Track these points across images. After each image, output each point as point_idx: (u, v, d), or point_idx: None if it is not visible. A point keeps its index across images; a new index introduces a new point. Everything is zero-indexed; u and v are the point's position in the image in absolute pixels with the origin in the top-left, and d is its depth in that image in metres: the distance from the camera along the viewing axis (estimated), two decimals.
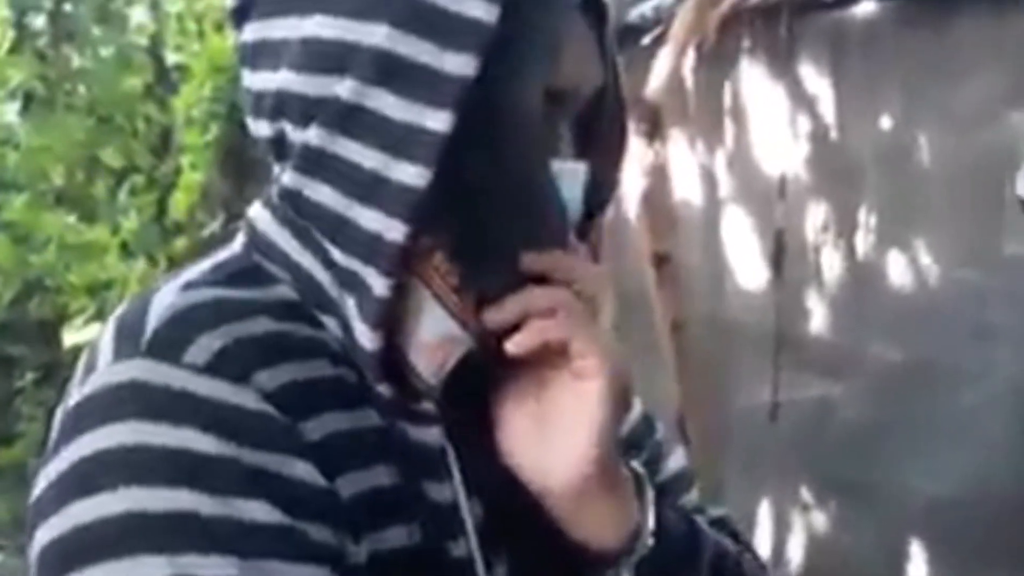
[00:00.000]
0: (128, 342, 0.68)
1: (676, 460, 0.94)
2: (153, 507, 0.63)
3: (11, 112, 5.43)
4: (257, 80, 0.73)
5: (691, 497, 0.93)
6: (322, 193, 0.70)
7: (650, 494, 0.78)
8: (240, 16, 0.75)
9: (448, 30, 0.67)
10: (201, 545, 0.63)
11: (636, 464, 0.80)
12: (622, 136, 0.79)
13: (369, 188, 0.68)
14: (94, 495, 0.63)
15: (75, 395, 0.68)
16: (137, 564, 0.62)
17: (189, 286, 0.71)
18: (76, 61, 5.18)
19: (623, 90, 0.78)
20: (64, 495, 0.65)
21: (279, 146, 0.73)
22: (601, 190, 0.77)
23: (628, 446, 0.88)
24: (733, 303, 3.24)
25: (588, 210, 0.76)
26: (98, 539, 0.63)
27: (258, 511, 0.64)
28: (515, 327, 0.71)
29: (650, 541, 0.76)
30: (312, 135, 0.69)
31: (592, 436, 0.71)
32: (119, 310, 0.73)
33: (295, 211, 0.72)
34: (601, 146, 0.77)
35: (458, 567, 0.73)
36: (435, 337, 0.71)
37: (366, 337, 0.70)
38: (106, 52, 5.26)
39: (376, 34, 0.68)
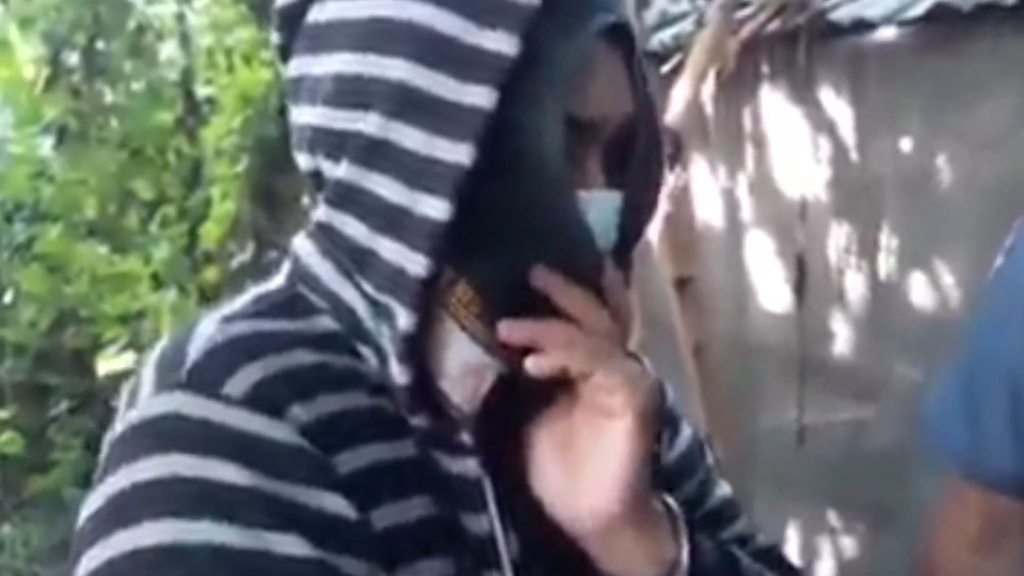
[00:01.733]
0: (168, 374, 0.68)
1: (724, 487, 0.93)
2: (187, 540, 0.63)
3: (46, 146, 5.52)
4: (297, 115, 0.75)
5: (740, 526, 0.91)
6: (351, 226, 0.71)
7: (685, 531, 0.76)
8: (283, 53, 0.77)
9: (467, 63, 0.68)
10: None
11: (671, 499, 0.79)
12: (658, 164, 0.78)
13: (392, 221, 0.69)
14: (130, 527, 0.64)
15: (118, 427, 0.69)
16: None
17: (229, 319, 0.72)
18: (108, 96, 5.25)
19: (657, 117, 0.77)
20: (102, 527, 0.65)
21: (317, 179, 0.74)
22: (638, 218, 0.76)
23: (679, 471, 0.88)
24: (756, 326, 3.25)
25: (625, 240, 0.75)
26: (133, 571, 0.63)
27: (290, 545, 0.64)
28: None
29: (684, 574, 0.74)
30: (342, 169, 0.71)
31: (620, 475, 0.71)
32: (162, 342, 0.74)
33: (331, 243, 0.74)
34: (636, 175, 0.76)
35: None
36: (464, 366, 0.72)
37: (396, 370, 0.70)
38: (137, 87, 5.33)
39: (396, 68, 0.68)
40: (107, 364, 4.79)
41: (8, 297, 5.80)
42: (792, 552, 3.20)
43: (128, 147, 5.33)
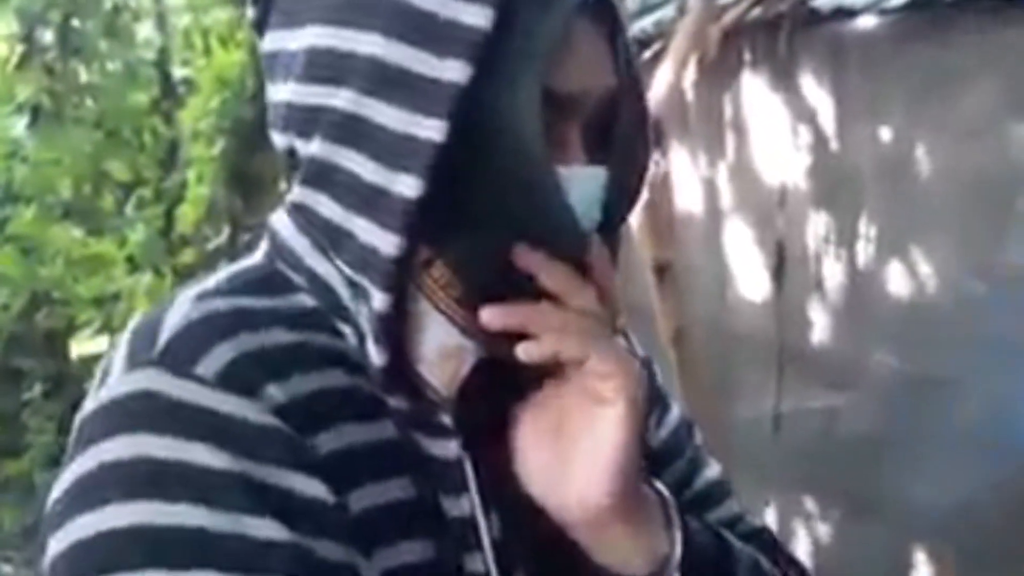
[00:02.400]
0: (140, 353, 0.67)
1: (714, 468, 0.91)
2: (157, 521, 0.62)
3: (19, 126, 5.47)
4: (272, 92, 0.73)
5: (730, 506, 0.90)
6: (325, 205, 0.70)
7: (677, 518, 0.74)
8: (259, 27, 0.75)
9: (441, 37, 0.66)
10: (204, 561, 0.62)
11: (661, 487, 0.77)
12: (644, 140, 0.75)
13: (366, 200, 0.67)
14: (100, 508, 0.63)
15: (88, 405, 0.67)
16: None
17: (204, 296, 0.70)
18: (83, 75, 5.21)
19: (643, 94, 0.75)
20: (71, 508, 0.64)
21: (292, 157, 0.72)
22: (623, 195, 0.74)
23: (667, 452, 0.87)
24: (735, 313, 3.26)
25: (611, 215, 0.73)
26: (103, 553, 0.62)
27: (263, 527, 0.63)
28: (526, 338, 0.69)
29: (677, 568, 0.73)
30: (315, 146, 0.69)
31: (611, 462, 0.69)
32: (136, 320, 0.72)
33: (307, 221, 0.72)
34: (620, 151, 0.73)
35: None
36: (441, 349, 0.70)
37: (373, 351, 0.69)
38: (113, 67, 5.30)
39: (369, 43, 0.67)
40: (81, 347, 4.76)
41: None
42: None
43: (104, 128, 5.30)
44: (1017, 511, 2.58)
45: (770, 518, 3.26)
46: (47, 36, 5.01)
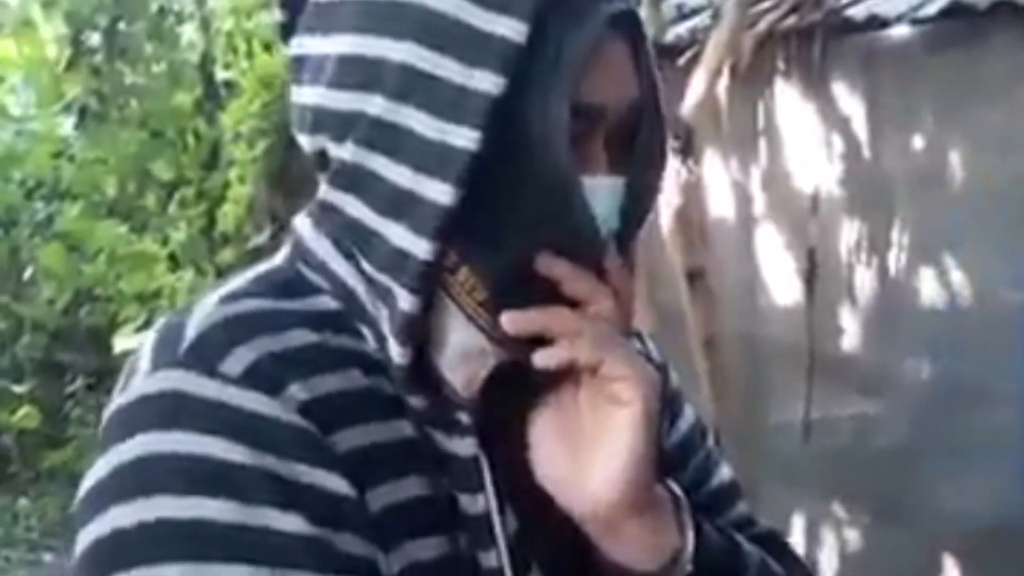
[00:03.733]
0: (166, 352, 0.68)
1: (726, 470, 0.92)
2: (182, 515, 0.63)
3: (67, 125, 5.57)
4: (300, 95, 0.74)
5: (740, 509, 0.91)
6: (355, 208, 0.71)
7: (689, 517, 0.76)
8: (287, 31, 0.76)
9: (475, 48, 0.67)
10: (228, 555, 0.63)
11: (675, 486, 0.78)
12: (661, 150, 0.77)
13: (398, 205, 0.68)
14: (126, 503, 0.64)
15: (115, 402, 0.69)
16: (166, 571, 0.63)
17: (229, 297, 0.72)
18: (129, 77, 5.29)
19: (663, 105, 0.76)
20: (100, 502, 0.66)
21: (321, 159, 0.73)
22: (640, 205, 0.76)
23: (681, 454, 0.89)
24: (766, 320, 3.26)
25: (628, 225, 0.74)
26: (128, 546, 0.64)
27: (286, 522, 0.64)
28: (546, 342, 0.70)
29: (689, 566, 0.74)
30: (347, 151, 0.70)
31: (626, 462, 0.70)
32: (161, 321, 0.73)
33: (333, 223, 0.73)
34: (640, 161, 0.75)
35: None
36: (464, 352, 0.71)
37: (396, 352, 0.70)
38: (158, 68, 5.36)
39: (403, 51, 0.68)
40: (123, 342, 4.83)
41: (27, 274, 5.86)
42: (797, 545, 3.22)
43: (148, 128, 5.37)
44: None
45: (798, 524, 3.26)
46: (94, 38, 5.09)
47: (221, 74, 5.39)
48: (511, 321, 0.70)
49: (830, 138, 3.04)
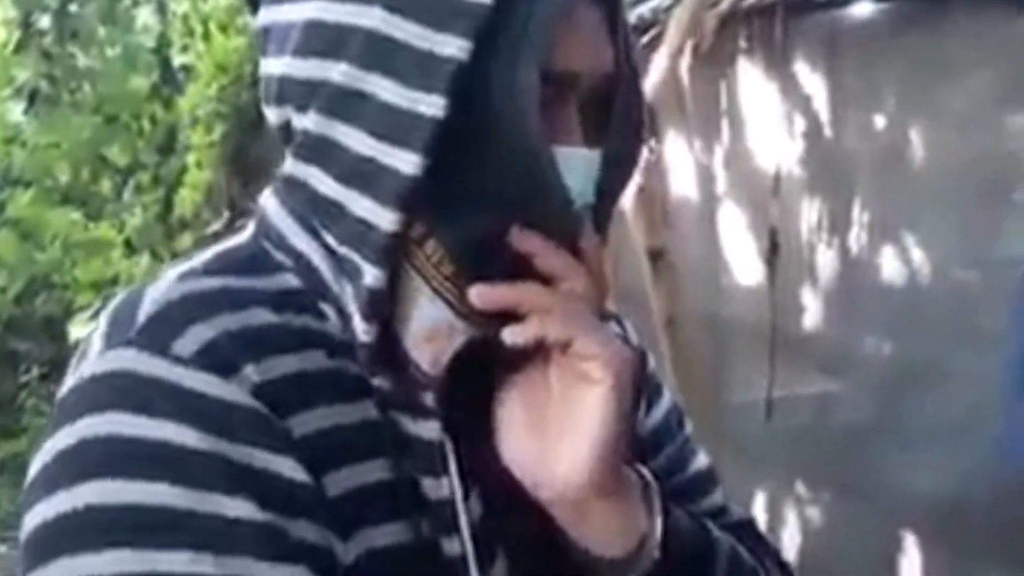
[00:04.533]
0: (118, 331, 0.67)
1: (702, 458, 0.91)
2: (131, 499, 0.62)
3: (17, 110, 5.47)
4: (267, 65, 0.73)
5: (716, 497, 0.90)
6: (317, 178, 0.69)
7: (659, 502, 0.75)
8: (253, 3, 0.75)
9: (441, 13, 0.66)
10: (176, 540, 0.62)
11: (645, 470, 0.77)
12: (639, 123, 0.75)
13: (361, 174, 0.67)
14: (74, 486, 0.63)
15: (67, 384, 0.68)
16: (109, 557, 0.62)
17: (186, 276, 0.70)
18: (82, 60, 5.21)
19: (640, 77, 0.75)
20: (46, 485, 0.64)
21: (285, 132, 0.72)
22: (616, 177, 0.74)
23: (656, 440, 0.87)
24: (728, 299, 3.26)
25: (604, 199, 0.73)
26: (72, 531, 0.63)
27: (237, 507, 0.63)
28: (515, 318, 0.69)
29: (656, 551, 0.73)
30: (310, 120, 0.68)
31: (596, 443, 0.69)
32: (117, 298, 0.72)
33: (297, 197, 0.72)
34: (616, 133, 0.74)
35: (452, 565, 0.71)
36: (431, 327, 0.70)
37: (361, 328, 0.69)
38: (112, 52, 5.29)
39: (369, 17, 0.66)
40: (79, 330, 4.78)
41: None
42: (761, 522, 3.23)
43: (102, 113, 5.30)
44: (1006, 499, 2.59)
45: (761, 503, 3.28)
46: (45, 21, 5.00)
47: (177, 58, 5.33)
48: (479, 295, 0.68)
49: (792, 117, 3.04)
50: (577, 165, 0.70)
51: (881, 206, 2.91)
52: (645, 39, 3.13)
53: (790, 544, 3.21)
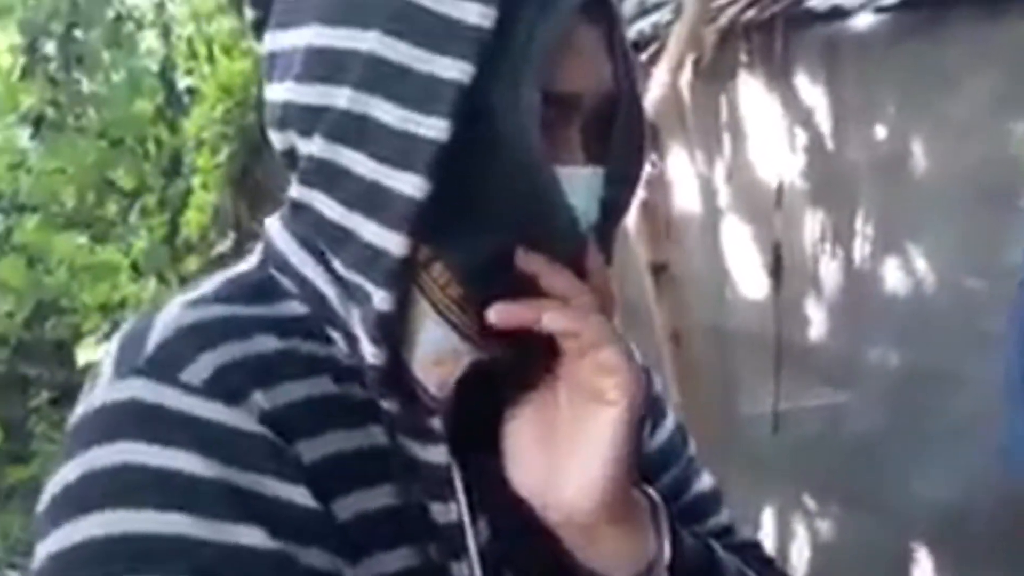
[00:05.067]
0: (128, 360, 0.67)
1: (707, 478, 0.91)
2: (142, 529, 0.62)
3: (23, 136, 5.50)
4: (271, 91, 0.72)
5: (721, 517, 0.90)
6: (323, 203, 0.69)
7: (667, 524, 0.74)
8: (258, 29, 0.75)
9: (442, 35, 0.66)
10: (188, 569, 0.62)
11: (653, 492, 0.77)
12: (640, 141, 0.75)
13: (367, 199, 0.67)
14: (85, 516, 0.63)
15: (77, 413, 0.68)
16: None
17: (195, 303, 0.70)
18: (87, 85, 5.24)
19: (640, 95, 0.75)
20: (58, 515, 0.64)
21: (290, 157, 0.72)
22: (620, 195, 0.74)
23: (661, 461, 0.87)
24: (733, 313, 3.26)
25: (607, 218, 0.73)
26: (86, 560, 0.63)
27: (247, 535, 0.63)
28: (523, 341, 0.69)
29: (665, 573, 0.73)
30: (315, 145, 0.68)
31: (606, 466, 0.68)
32: (125, 326, 0.72)
33: (303, 223, 0.72)
34: (618, 151, 0.73)
35: None
36: (438, 350, 0.70)
37: (370, 352, 0.68)
38: (117, 76, 5.32)
39: (370, 41, 0.66)
40: (87, 355, 4.78)
41: None
42: (767, 535, 3.22)
43: (107, 137, 5.32)
44: (1016, 508, 2.58)
45: (769, 516, 3.27)
46: (50, 47, 5.04)
47: (182, 81, 5.35)
48: (499, 313, 0.68)
49: (793, 130, 3.05)
50: (580, 185, 0.70)
51: (884, 216, 2.91)
52: (646, 54, 3.14)
53: (799, 556, 3.20)
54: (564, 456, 0.70)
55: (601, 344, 0.68)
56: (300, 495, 0.66)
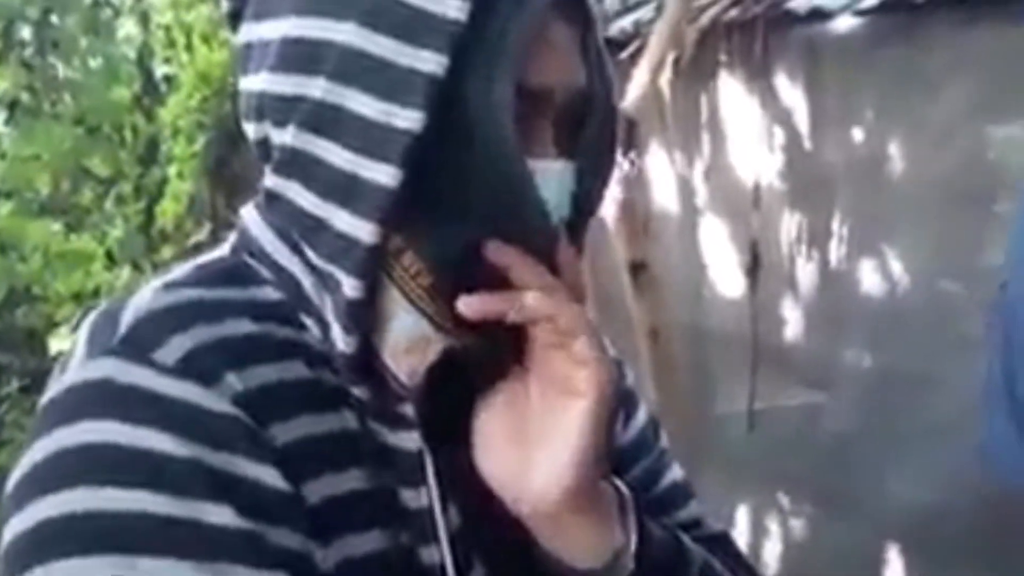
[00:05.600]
0: (101, 340, 0.68)
1: (677, 471, 0.92)
2: (110, 507, 0.62)
3: None
4: (246, 82, 0.73)
5: (691, 509, 0.90)
6: (298, 193, 0.70)
7: (634, 515, 0.75)
8: (234, 20, 0.75)
9: (417, 28, 0.66)
10: (157, 547, 0.62)
11: (621, 483, 0.77)
12: (611, 137, 0.76)
13: (340, 188, 0.67)
14: (55, 494, 0.63)
15: (49, 392, 0.68)
16: (89, 564, 0.62)
17: (169, 286, 0.71)
18: (62, 71, 5.19)
19: (613, 91, 0.76)
20: (28, 494, 0.65)
21: (264, 148, 0.72)
22: (591, 191, 0.75)
23: (632, 453, 0.88)
24: (710, 311, 3.27)
25: (579, 213, 0.74)
26: (53, 537, 0.63)
27: (218, 514, 0.63)
28: (493, 330, 0.69)
29: (631, 564, 0.73)
30: (289, 135, 0.69)
31: (574, 457, 0.69)
32: (99, 308, 0.72)
33: (277, 212, 0.72)
34: (589, 147, 0.74)
35: (430, 573, 0.72)
36: (409, 338, 0.70)
37: (341, 340, 0.69)
38: (94, 63, 5.26)
39: (345, 32, 0.67)
40: (59, 343, 4.73)
41: None
42: (742, 535, 3.24)
43: (84, 124, 5.27)
44: (989, 506, 2.60)
45: (744, 515, 3.28)
46: (25, 31, 4.98)
47: (160, 69, 5.31)
48: (466, 305, 0.68)
49: (772, 130, 3.06)
50: (552, 178, 0.71)
51: (861, 217, 2.93)
52: (627, 52, 3.15)
53: (772, 555, 3.22)
54: (533, 447, 0.70)
55: (576, 332, 0.68)
56: (271, 476, 0.66)
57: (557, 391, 0.70)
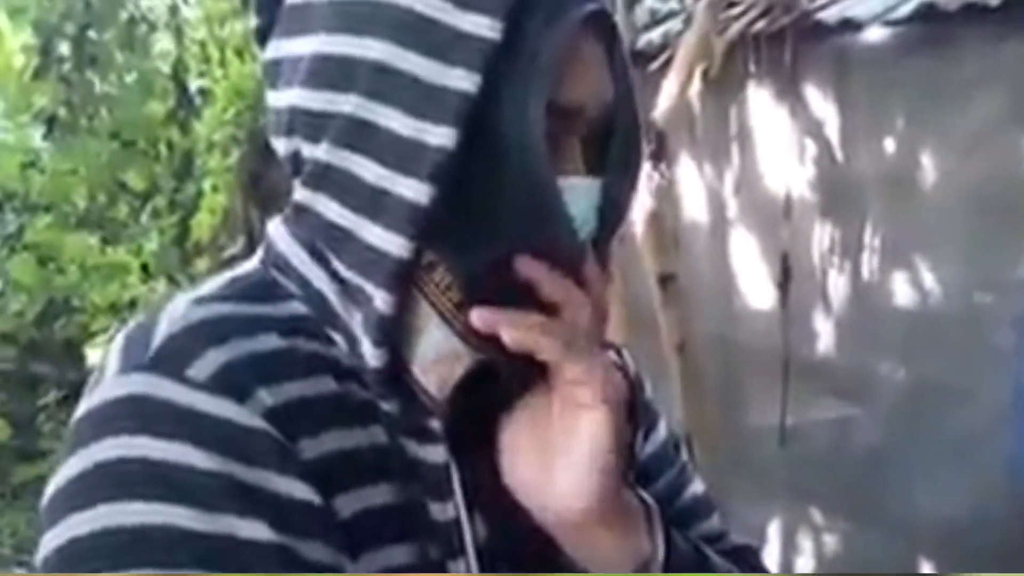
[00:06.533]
0: (134, 355, 0.68)
1: (699, 484, 0.92)
2: (143, 522, 0.63)
3: (35, 136, 5.52)
4: (275, 98, 0.74)
5: (713, 522, 0.91)
6: (329, 208, 0.70)
7: (660, 526, 0.76)
8: (262, 36, 0.76)
9: (451, 46, 0.67)
10: (192, 561, 0.63)
11: (646, 495, 0.78)
12: (637, 153, 0.77)
13: (373, 203, 0.68)
14: (90, 508, 0.64)
15: (82, 406, 0.68)
16: None
17: (199, 302, 0.72)
18: (99, 86, 5.25)
19: (637, 106, 0.76)
20: (63, 508, 0.65)
21: (294, 162, 0.73)
22: (617, 206, 0.76)
23: (654, 466, 0.89)
24: (740, 324, 3.26)
25: (604, 228, 0.74)
26: (87, 553, 0.63)
27: (250, 528, 0.64)
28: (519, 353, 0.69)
29: (658, 571, 0.74)
30: (321, 150, 0.70)
31: (593, 465, 0.70)
32: (131, 323, 0.73)
33: (306, 226, 0.73)
34: (616, 163, 0.75)
35: None
36: (438, 352, 0.71)
37: (370, 353, 0.70)
38: (129, 77, 5.33)
39: (378, 50, 0.68)
40: (96, 354, 4.79)
41: None
42: (774, 550, 3.22)
43: (119, 138, 5.33)
44: (1020, 518, 2.57)
45: (775, 530, 3.26)
46: (63, 47, 5.05)
47: (194, 83, 5.37)
48: (480, 317, 0.69)
49: (802, 142, 3.04)
50: (580, 195, 0.72)
51: (892, 229, 2.91)
52: (656, 64, 3.14)
53: (804, 569, 3.19)
54: (556, 458, 0.71)
55: (562, 361, 0.70)
56: (302, 491, 0.67)
57: (572, 405, 0.71)
